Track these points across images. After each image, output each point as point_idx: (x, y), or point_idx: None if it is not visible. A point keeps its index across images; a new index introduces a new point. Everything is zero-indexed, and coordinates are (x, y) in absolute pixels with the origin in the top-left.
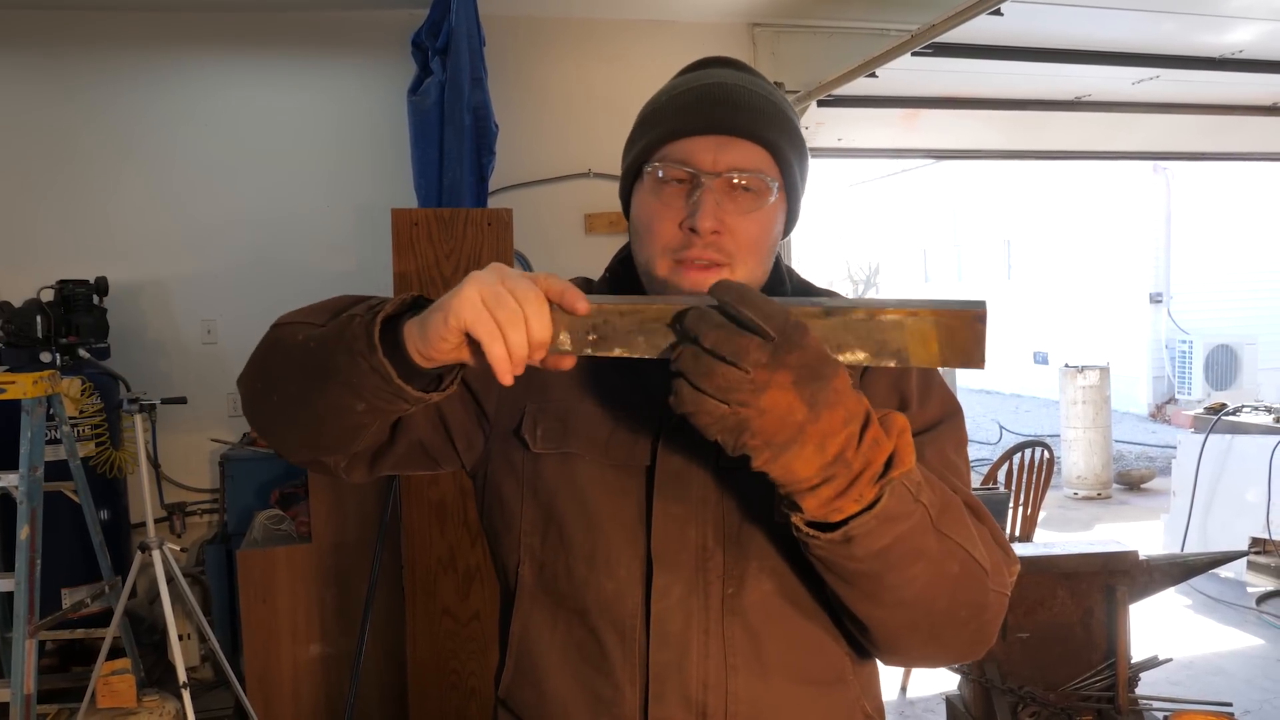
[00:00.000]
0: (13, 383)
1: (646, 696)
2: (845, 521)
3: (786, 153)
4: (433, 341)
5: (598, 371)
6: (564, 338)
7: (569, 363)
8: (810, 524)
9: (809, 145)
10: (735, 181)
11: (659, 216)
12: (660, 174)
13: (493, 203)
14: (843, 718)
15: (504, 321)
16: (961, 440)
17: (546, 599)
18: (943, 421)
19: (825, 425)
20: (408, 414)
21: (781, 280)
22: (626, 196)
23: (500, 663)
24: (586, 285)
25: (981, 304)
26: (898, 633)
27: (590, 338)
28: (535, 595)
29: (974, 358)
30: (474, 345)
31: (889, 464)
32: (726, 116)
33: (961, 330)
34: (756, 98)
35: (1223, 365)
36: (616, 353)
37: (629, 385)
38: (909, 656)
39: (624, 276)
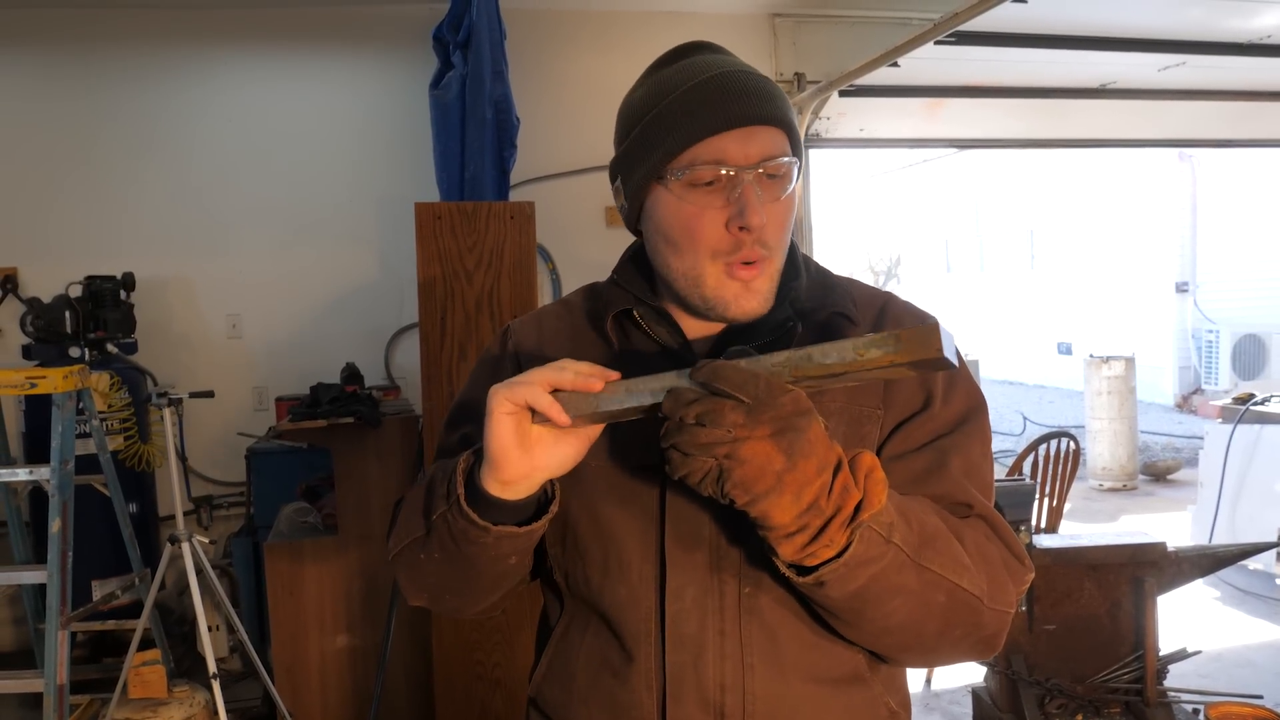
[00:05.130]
0: (43, 378)
1: (664, 699)
2: (818, 567)
3: (796, 132)
4: (500, 462)
5: None
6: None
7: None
8: (788, 564)
9: (830, 136)
10: (763, 171)
11: (701, 221)
12: (692, 178)
13: (514, 196)
14: (864, 716)
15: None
16: (987, 438)
17: (578, 604)
18: (968, 419)
19: (801, 474)
20: None
21: (798, 269)
22: (634, 199)
23: (535, 661)
24: (590, 291)
25: (935, 326)
26: (890, 651)
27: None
28: (573, 600)
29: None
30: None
31: (859, 507)
32: (749, 106)
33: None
34: (760, 80)
35: (1250, 355)
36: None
37: None
38: (909, 665)
39: (636, 279)
